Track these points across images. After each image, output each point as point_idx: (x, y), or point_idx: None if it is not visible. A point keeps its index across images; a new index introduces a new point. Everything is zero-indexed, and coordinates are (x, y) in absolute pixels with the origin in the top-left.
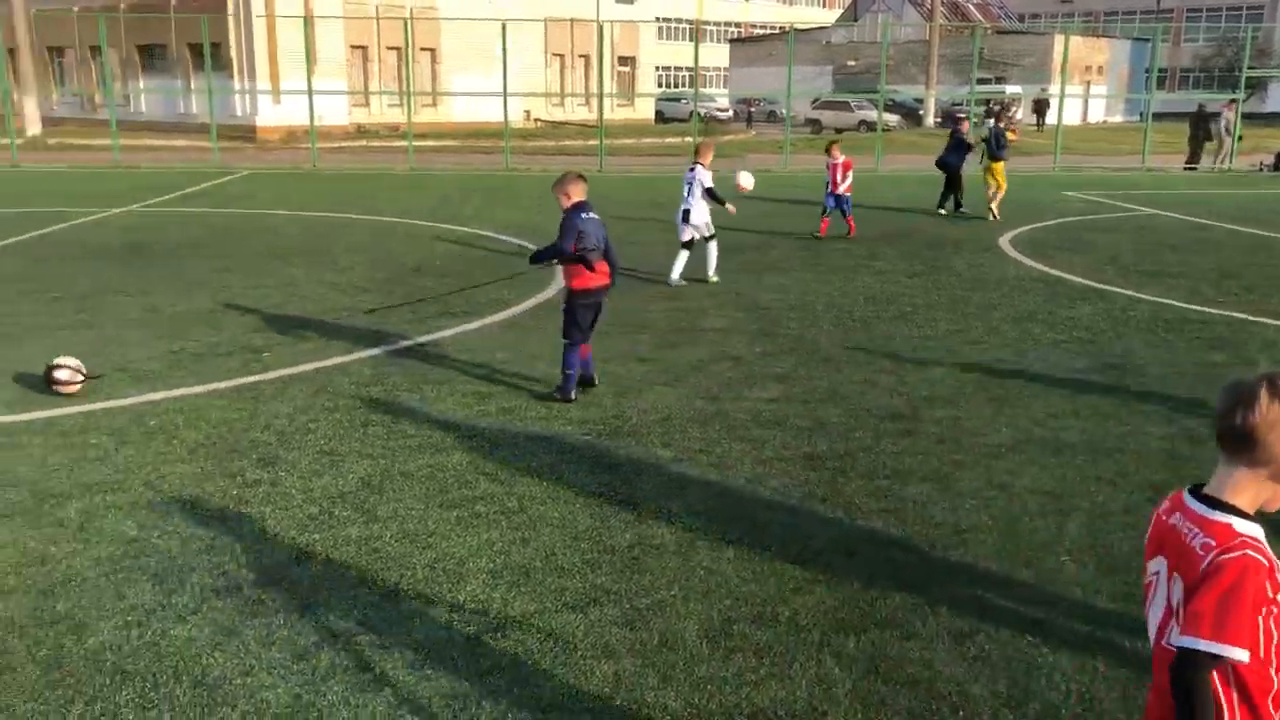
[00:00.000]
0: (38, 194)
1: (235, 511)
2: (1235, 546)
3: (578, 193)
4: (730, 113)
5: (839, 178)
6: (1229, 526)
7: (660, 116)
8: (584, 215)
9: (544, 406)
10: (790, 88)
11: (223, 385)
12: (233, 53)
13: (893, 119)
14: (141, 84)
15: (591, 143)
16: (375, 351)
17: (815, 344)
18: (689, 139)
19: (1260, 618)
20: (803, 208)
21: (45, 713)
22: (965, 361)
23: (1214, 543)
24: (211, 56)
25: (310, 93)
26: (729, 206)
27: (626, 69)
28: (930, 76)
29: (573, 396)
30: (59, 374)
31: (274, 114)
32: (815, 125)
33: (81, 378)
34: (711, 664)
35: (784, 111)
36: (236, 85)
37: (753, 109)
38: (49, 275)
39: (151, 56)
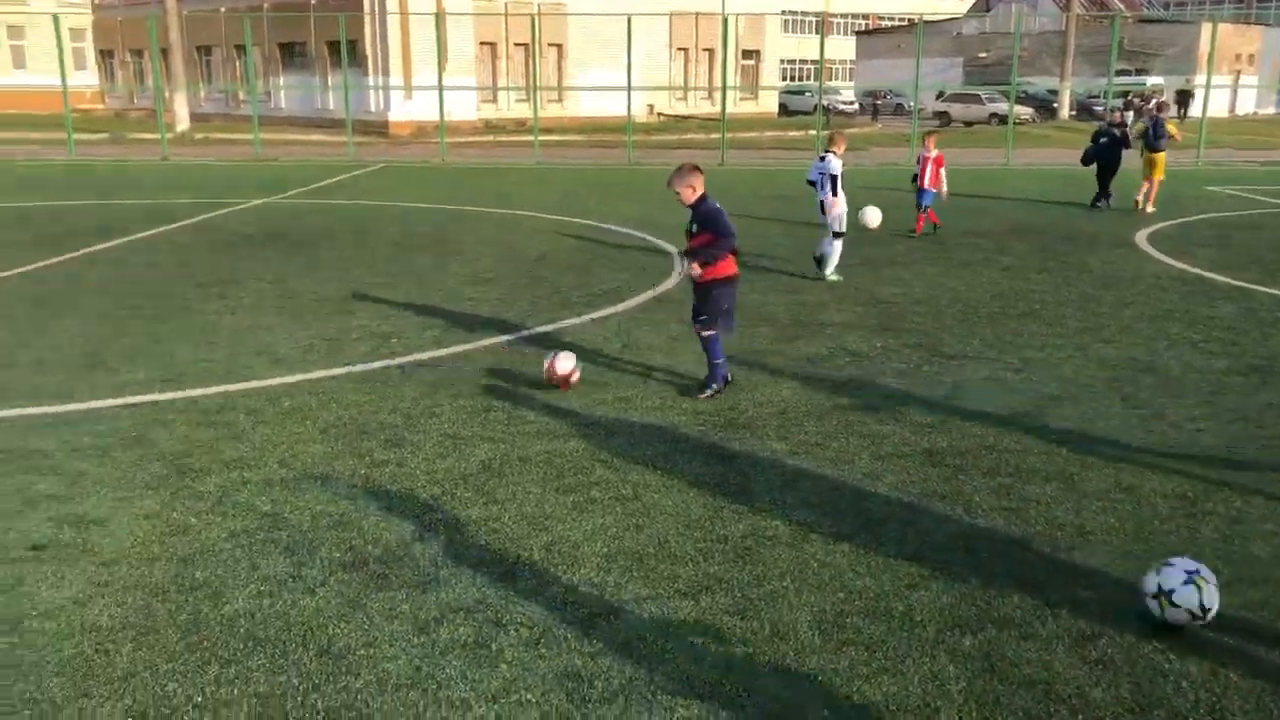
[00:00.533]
0: (185, 186)
1: (363, 490)
2: None
3: (702, 183)
4: (855, 106)
5: (929, 172)
6: None
7: (784, 110)
8: (715, 203)
9: (659, 397)
10: (918, 80)
11: (353, 370)
12: (368, 49)
13: (1025, 112)
14: (282, 81)
15: (714, 136)
16: (497, 340)
17: (938, 340)
18: (812, 132)
19: None
20: None
21: (184, 672)
22: (1096, 359)
23: None
24: (348, 53)
25: (441, 89)
26: (838, 200)
27: (751, 62)
28: (1065, 69)
29: (727, 378)
30: (561, 365)
31: (405, 110)
32: (944, 118)
33: (573, 366)
34: (823, 655)
35: (911, 104)
36: (370, 81)
37: (879, 102)
38: (195, 262)
39: (292, 54)
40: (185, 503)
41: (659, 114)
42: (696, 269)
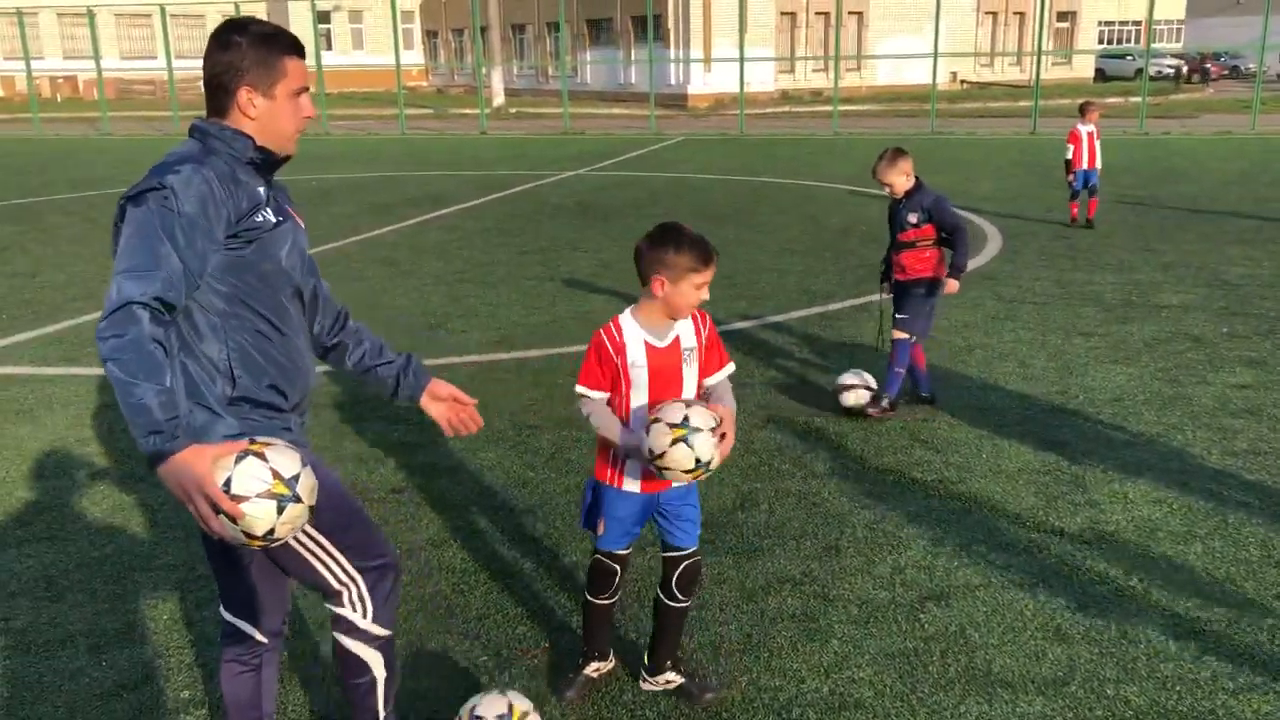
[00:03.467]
0: (502, 159)
1: None
2: None
3: (912, 169)
4: (1184, 69)
5: (1086, 149)
6: None
7: (1101, 75)
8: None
9: (978, 375)
10: (1265, 39)
11: None
12: (670, 23)
13: None
14: (589, 56)
15: (1021, 104)
16: (806, 312)
17: None
18: (1133, 99)
19: None
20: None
21: (532, 616)
22: None
23: None
24: (652, 27)
25: (741, 60)
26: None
27: (1065, 25)
28: None
29: (897, 395)
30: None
31: (704, 82)
32: None
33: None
34: (1180, 663)
35: (1250, 66)
36: (671, 55)
37: (1209, 64)
38: (517, 230)
39: (598, 30)
40: (523, 457)
41: (963, 81)
42: (954, 285)
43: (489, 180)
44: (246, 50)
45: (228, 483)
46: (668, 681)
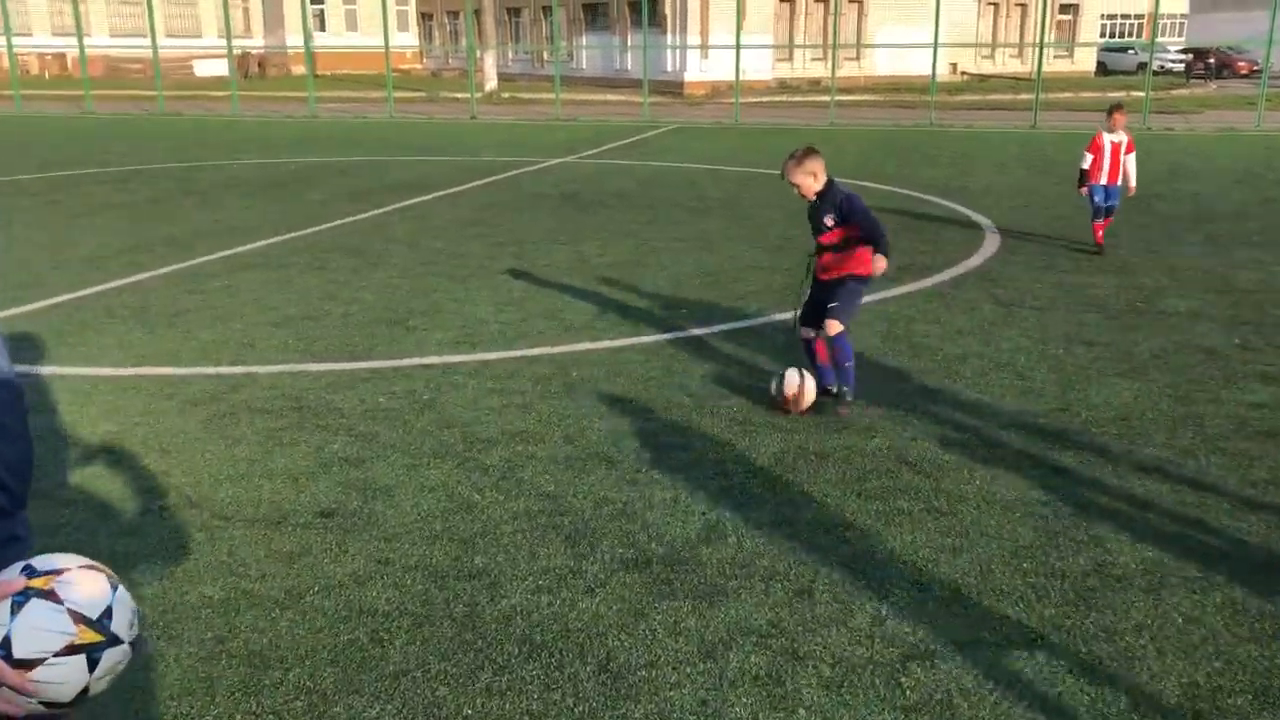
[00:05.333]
0: (489, 145)
1: (647, 476)
2: None
3: (823, 169)
4: (1183, 64)
5: (1108, 160)
6: None
7: (1102, 69)
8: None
9: (974, 389)
10: (1272, 34)
11: (642, 340)
12: (666, 9)
13: None
14: (584, 41)
15: (1022, 97)
16: (791, 315)
17: None
18: (1136, 94)
19: None
20: None
21: (457, 675)
22: None
23: None
24: (648, 13)
25: (738, 47)
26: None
27: (1068, 17)
28: None
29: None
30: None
31: (701, 70)
32: None
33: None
34: None
35: (1257, 64)
36: (668, 41)
37: (1212, 60)
38: (494, 220)
39: (594, 15)
40: (470, 476)
41: (963, 73)
42: (882, 263)
43: (473, 167)
44: None
45: (6, 645)
46: None
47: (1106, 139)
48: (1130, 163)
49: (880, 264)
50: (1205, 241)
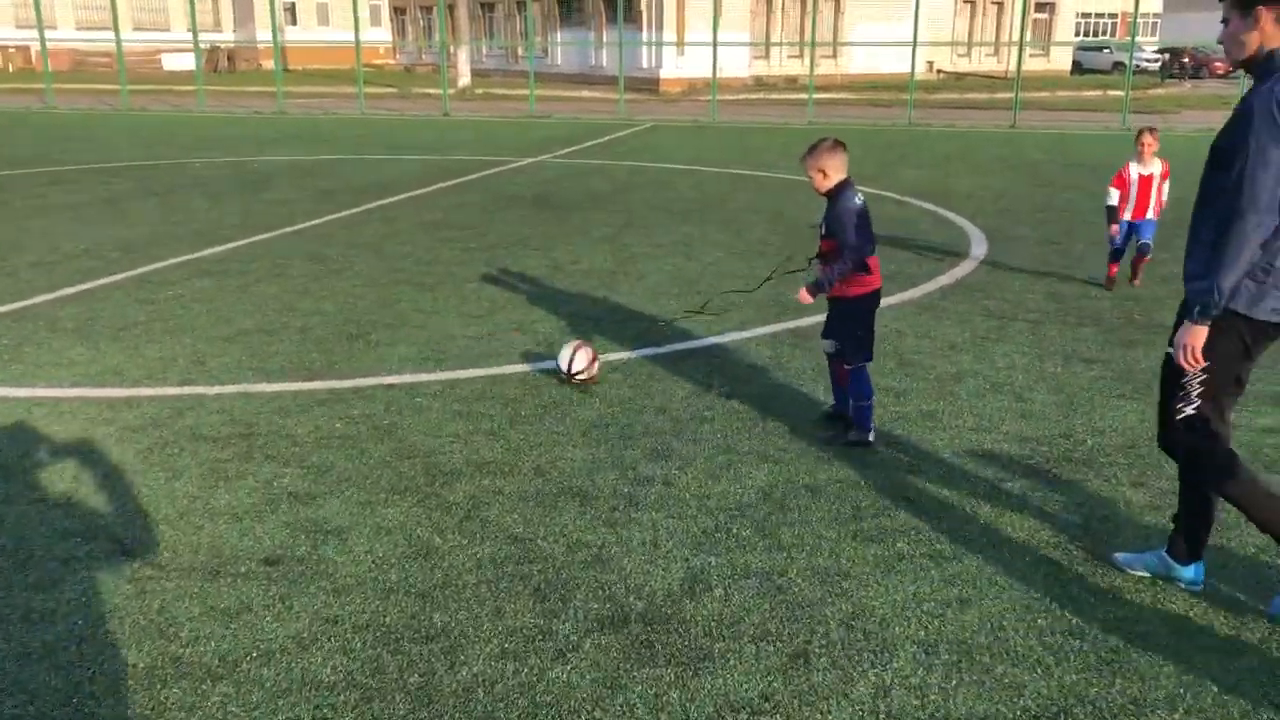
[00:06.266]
0: (461, 143)
1: (625, 515)
2: None
3: (838, 167)
4: (1159, 64)
5: (1134, 195)
6: None
7: (1078, 68)
8: (857, 199)
9: (972, 414)
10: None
11: (619, 356)
12: (642, 5)
13: None
14: (559, 37)
15: (999, 95)
16: (775, 329)
17: None
18: (1112, 93)
19: None
20: None
21: None
22: None
23: None
24: (624, 9)
25: (715, 44)
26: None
27: (1044, 15)
28: None
29: (870, 438)
30: (578, 365)
31: (676, 67)
32: None
33: (584, 364)
34: None
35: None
36: (644, 37)
37: (1185, 60)
38: (464, 223)
39: (569, 10)
40: (432, 515)
41: (939, 71)
42: (805, 295)
43: (444, 166)
44: None
45: None
46: None
47: (1134, 171)
48: (1163, 190)
49: (803, 296)
50: None
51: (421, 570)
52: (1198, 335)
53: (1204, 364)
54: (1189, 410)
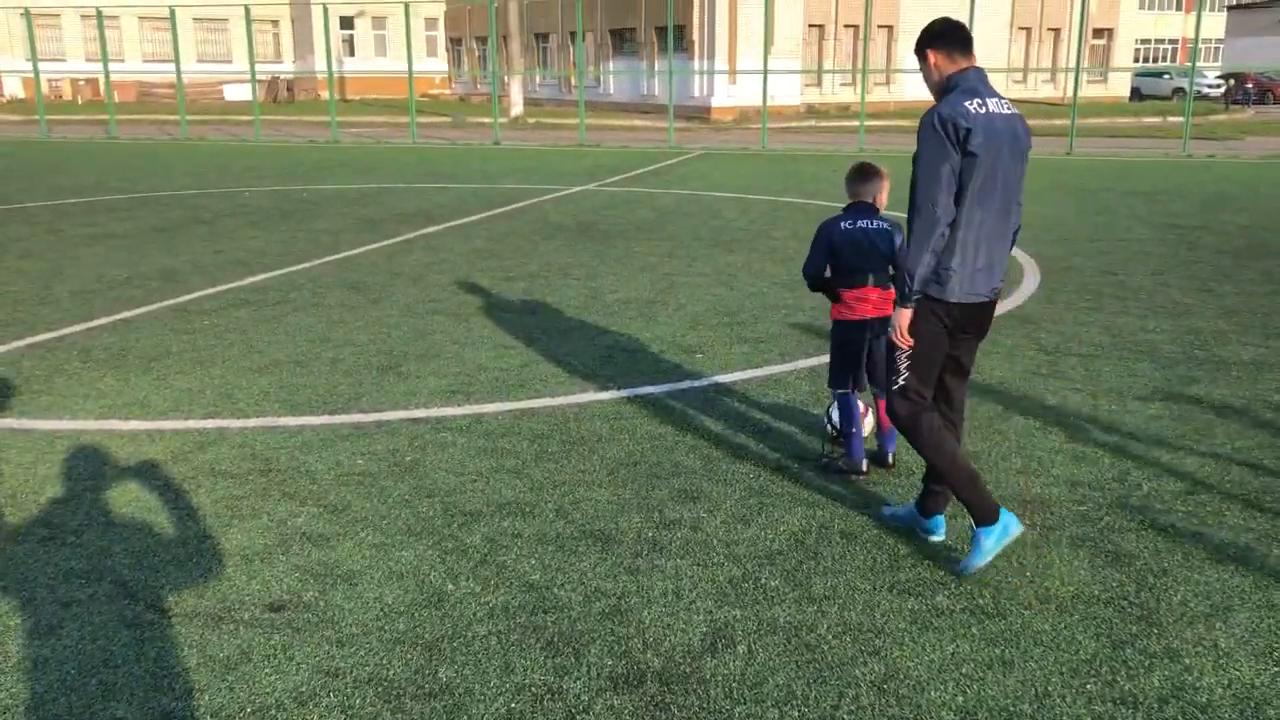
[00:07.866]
0: (511, 172)
1: (648, 562)
2: None
3: (854, 192)
4: (1222, 89)
5: None
6: None
7: (1136, 94)
8: (845, 224)
9: (1019, 454)
10: None
11: (652, 390)
12: (694, 34)
13: None
14: (611, 66)
15: (1056, 122)
16: (816, 361)
17: None
18: (1171, 119)
19: None
20: None
21: None
22: None
23: None
24: (676, 38)
25: (765, 72)
26: None
27: (1101, 41)
28: None
29: (862, 468)
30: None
31: (728, 95)
32: None
33: None
34: None
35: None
36: (695, 66)
37: (1249, 85)
38: (507, 252)
39: (622, 40)
40: (447, 558)
41: None
42: (903, 315)
43: (491, 195)
44: None
45: None
46: None
47: None
48: None
49: (901, 317)
50: (1263, 279)
51: (431, 619)
52: (904, 316)
53: (910, 342)
54: (900, 381)
